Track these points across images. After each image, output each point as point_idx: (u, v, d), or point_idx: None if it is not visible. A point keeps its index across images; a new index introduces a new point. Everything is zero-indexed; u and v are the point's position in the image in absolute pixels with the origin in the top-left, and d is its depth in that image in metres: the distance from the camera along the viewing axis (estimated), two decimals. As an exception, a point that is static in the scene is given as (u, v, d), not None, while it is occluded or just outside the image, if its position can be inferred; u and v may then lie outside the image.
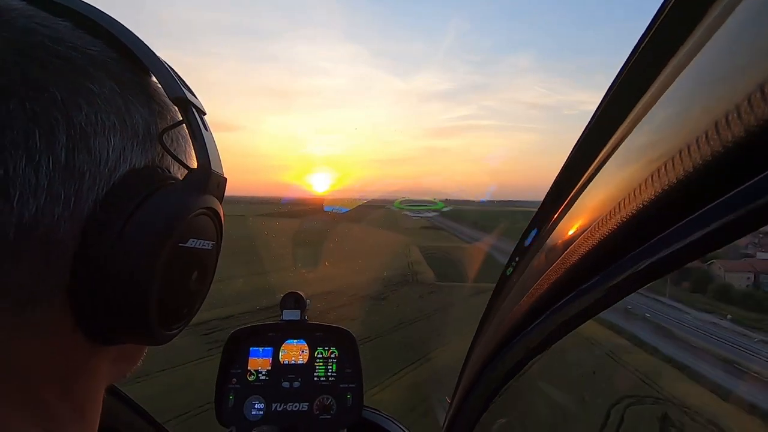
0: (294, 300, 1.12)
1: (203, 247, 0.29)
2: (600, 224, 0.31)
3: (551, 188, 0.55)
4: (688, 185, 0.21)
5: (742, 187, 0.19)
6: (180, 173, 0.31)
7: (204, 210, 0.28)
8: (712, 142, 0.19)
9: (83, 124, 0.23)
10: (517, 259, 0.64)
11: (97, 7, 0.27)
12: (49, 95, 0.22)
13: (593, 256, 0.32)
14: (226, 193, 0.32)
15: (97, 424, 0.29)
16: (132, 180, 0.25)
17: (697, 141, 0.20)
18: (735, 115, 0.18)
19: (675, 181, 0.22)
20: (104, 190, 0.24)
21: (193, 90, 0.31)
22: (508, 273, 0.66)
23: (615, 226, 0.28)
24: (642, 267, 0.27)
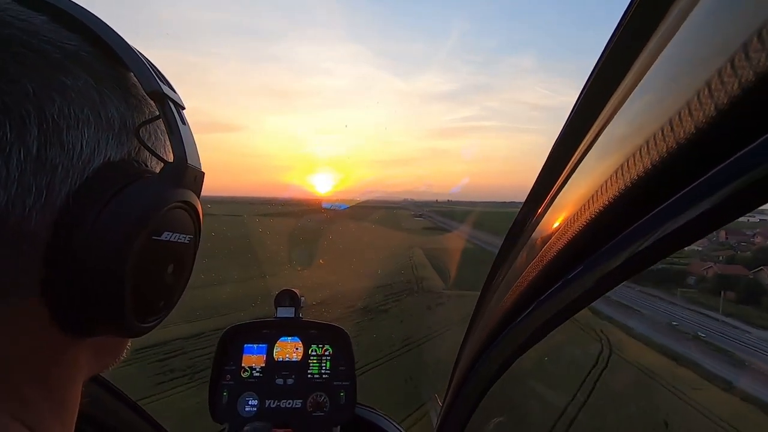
0: (289, 297, 1.12)
1: (179, 240, 0.29)
2: (575, 218, 0.31)
3: (535, 183, 0.56)
4: (654, 176, 0.22)
5: (707, 175, 0.19)
6: (158, 168, 0.30)
7: (180, 203, 0.28)
8: (675, 132, 0.20)
9: (56, 116, 0.23)
10: (505, 250, 0.65)
11: (74, 1, 0.27)
12: (21, 87, 0.22)
13: (568, 249, 0.33)
14: (226, 194, 0.31)
15: (75, 416, 0.29)
16: (106, 173, 0.25)
17: (662, 131, 0.21)
18: (697, 103, 0.18)
19: (642, 172, 0.23)
20: (77, 183, 0.24)
21: (172, 84, 0.31)
22: (498, 263, 0.67)
23: (588, 219, 0.29)
24: (619, 260, 0.28)
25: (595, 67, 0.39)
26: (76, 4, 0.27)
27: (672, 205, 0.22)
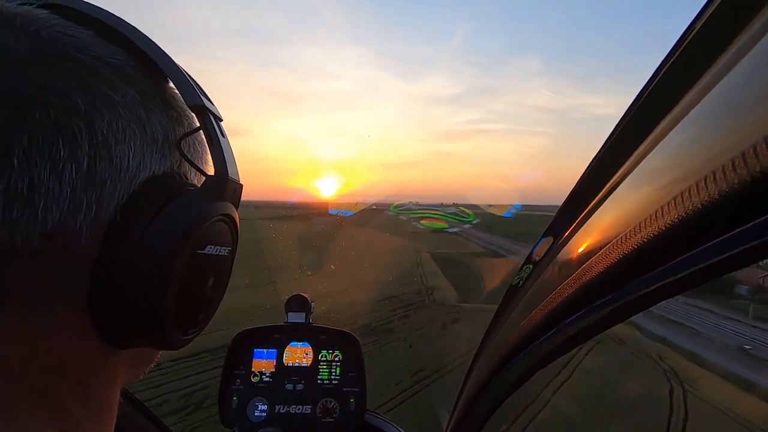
0: (299, 302, 1.13)
1: (220, 253, 0.29)
2: (618, 243, 0.31)
3: (566, 202, 0.55)
4: (709, 212, 0.22)
5: (760, 219, 0.19)
6: (197, 179, 0.31)
7: (221, 216, 0.28)
8: (737, 171, 0.20)
9: (105, 132, 0.23)
10: (527, 270, 0.64)
11: (117, 15, 0.28)
12: (72, 104, 0.22)
13: (609, 274, 0.32)
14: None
15: (113, 426, 0.30)
16: (151, 187, 0.26)
17: (723, 168, 0.21)
18: (760, 147, 0.18)
19: (698, 206, 0.22)
20: (125, 197, 0.24)
21: (209, 96, 0.32)
22: (517, 284, 0.66)
23: (633, 247, 0.29)
24: (655, 287, 0.27)
25: (641, 94, 0.38)
26: (119, 18, 0.28)
27: (713, 248, 0.22)
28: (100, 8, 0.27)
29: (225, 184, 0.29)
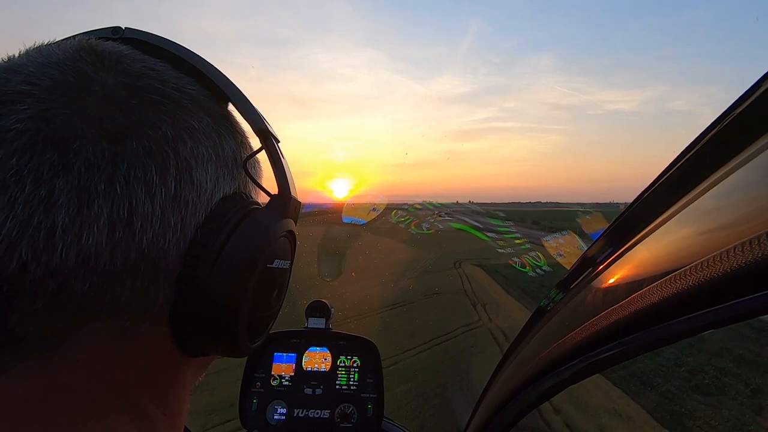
0: (319, 308, 1.15)
1: (283, 267, 0.31)
2: (661, 285, 0.31)
3: (609, 232, 0.54)
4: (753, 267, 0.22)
5: None
6: (258, 198, 0.33)
7: (285, 233, 0.30)
8: None
9: (188, 157, 0.25)
10: (558, 296, 0.64)
11: (184, 46, 0.30)
12: (162, 133, 0.24)
13: (644, 313, 0.33)
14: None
15: (183, 430, 0.31)
16: (225, 206, 0.27)
17: None
18: None
19: (742, 261, 0.23)
20: (203, 217, 0.26)
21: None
22: (546, 307, 0.66)
23: (671, 290, 0.29)
24: (694, 326, 0.28)
25: (707, 131, 0.37)
26: (188, 50, 0.30)
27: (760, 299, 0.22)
28: (171, 41, 0.30)
29: (289, 203, 0.31)
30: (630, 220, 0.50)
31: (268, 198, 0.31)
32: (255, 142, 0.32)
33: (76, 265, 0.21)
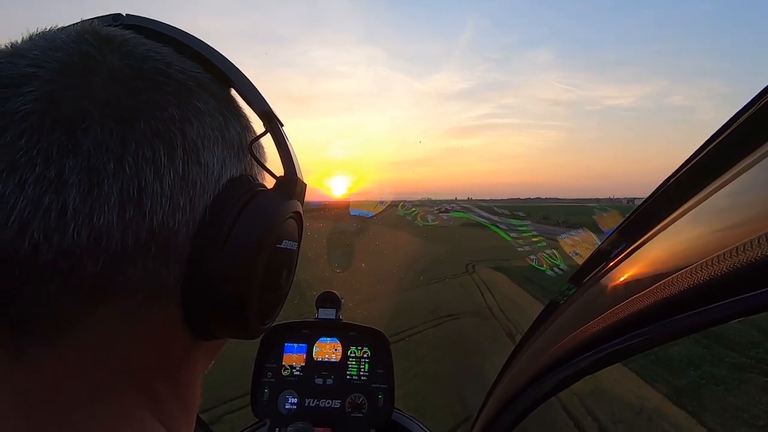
0: (329, 299, 1.16)
1: (291, 248, 0.31)
2: (673, 280, 0.32)
3: (622, 228, 0.55)
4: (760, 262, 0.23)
5: None
6: (263, 179, 0.33)
7: (293, 214, 0.31)
8: None
9: (195, 138, 0.25)
10: (571, 291, 0.65)
11: (191, 33, 0.30)
12: (169, 114, 0.24)
13: (657, 307, 0.34)
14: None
15: (195, 416, 0.32)
16: (232, 188, 0.27)
17: None
18: None
19: (752, 257, 0.24)
20: (211, 198, 0.26)
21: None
22: (560, 301, 0.67)
23: (689, 284, 0.30)
24: (705, 320, 0.29)
25: (721, 131, 0.38)
26: (192, 36, 0.30)
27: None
28: (172, 26, 0.30)
29: (295, 184, 0.32)
30: (644, 216, 0.51)
31: (275, 181, 0.32)
32: (259, 128, 0.32)
33: (88, 245, 0.21)
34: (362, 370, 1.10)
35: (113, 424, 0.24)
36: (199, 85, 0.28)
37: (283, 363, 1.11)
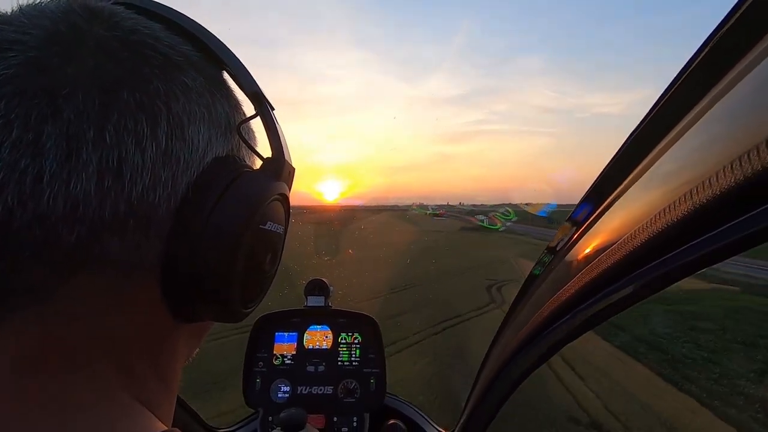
0: (318, 286, 1.15)
1: (276, 230, 0.31)
2: (632, 236, 0.34)
3: (586, 197, 0.57)
4: (713, 206, 0.25)
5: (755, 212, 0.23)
6: (252, 163, 0.32)
7: (278, 196, 0.30)
8: (742, 169, 0.23)
9: (180, 113, 0.25)
10: (547, 260, 0.67)
11: (182, 12, 0.30)
12: (154, 87, 0.24)
13: (621, 264, 0.36)
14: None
15: (175, 399, 0.31)
16: (217, 167, 0.27)
17: (726, 168, 0.24)
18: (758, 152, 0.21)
19: (702, 201, 0.26)
20: (195, 175, 0.26)
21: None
22: (536, 273, 0.69)
23: (644, 238, 0.32)
24: (658, 274, 0.31)
25: (660, 99, 0.40)
26: (185, 15, 0.30)
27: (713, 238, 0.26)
28: (167, 6, 0.30)
29: (283, 166, 0.31)
30: (606, 179, 0.53)
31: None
32: (249, 111, 0.32)
33: (63, 212, 0.21)
34: (353, 355, 1.11)
35: (91, 396, 0.24)
36: (188, 62, 0.27)
37: (274, 352, 1.11)
